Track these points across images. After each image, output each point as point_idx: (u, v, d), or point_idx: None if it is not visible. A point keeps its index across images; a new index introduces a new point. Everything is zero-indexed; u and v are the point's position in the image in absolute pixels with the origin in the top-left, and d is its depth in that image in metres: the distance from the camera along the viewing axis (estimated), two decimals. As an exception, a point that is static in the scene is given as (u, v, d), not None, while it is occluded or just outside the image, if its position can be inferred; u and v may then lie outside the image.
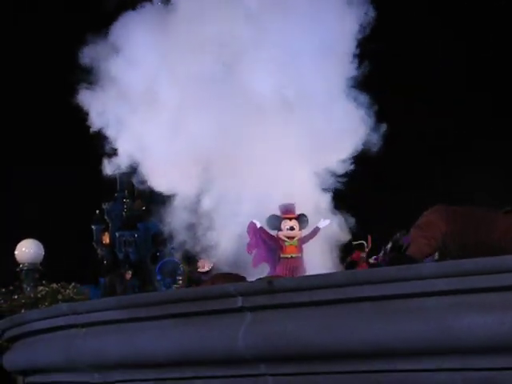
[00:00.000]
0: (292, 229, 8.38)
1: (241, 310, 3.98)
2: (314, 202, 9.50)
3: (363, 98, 10.32)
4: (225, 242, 9.64)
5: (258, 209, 9.41)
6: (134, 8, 10.85)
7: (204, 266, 10.06)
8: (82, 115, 10.52)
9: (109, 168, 10.58)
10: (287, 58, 10.03)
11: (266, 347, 3.87)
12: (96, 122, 10.39)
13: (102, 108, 10.42)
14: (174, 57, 10.29)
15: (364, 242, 10.01)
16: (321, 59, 10.21)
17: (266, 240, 8.43)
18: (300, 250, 8.42)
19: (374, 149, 10.13)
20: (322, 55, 10.23)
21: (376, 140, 10.23)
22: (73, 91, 10.65)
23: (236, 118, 9.80)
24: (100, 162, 10.92)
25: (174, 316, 4.34)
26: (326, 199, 9.87)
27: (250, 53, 10.07)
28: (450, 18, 31.59)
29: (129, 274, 13.89)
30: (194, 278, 8.73)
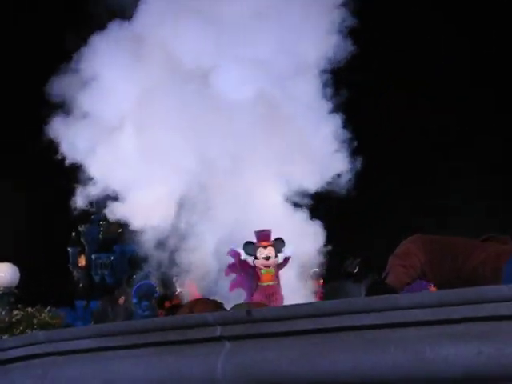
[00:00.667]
0: (267, 258, 8.36)
1: (219, 339, 3.97)
2: (290, 224, 9.52)
3: (339, 118, 10.39)
4: (200, 264, 9.63)
5: (233, 233, 9.43)
6: (101, 29, 10.82)
7: (183, 288, 9.97)
8: (54, 145, 10.52)
9: (82, 195, 10.57)
10: (263, 75, 10.06)
11: (245, 376, 3.85)
12: (68, 150, 10.37)
13: (74, 137, 10.41)
14: (146, 82, 10.29)
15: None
16: (298, 74, 10.26)
17: (246, 268, 8.43)
18: (276, 277, 8.41)
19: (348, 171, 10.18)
20: (298, 70, 10.27)
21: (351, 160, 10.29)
22: (45, 121, 10.65)
23: (210, 143, 9.82)
24: (75, 186, 10.91)
25: (152, 345, 4.32)
26: (301, 220, 9.90)
27: (222, 75, 10.08)
28: (452, 13, 31.79)
29: (122, 299, 13.53)
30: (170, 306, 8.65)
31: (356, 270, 10.41)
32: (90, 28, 10.91)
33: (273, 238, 8.47)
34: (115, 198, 10.49)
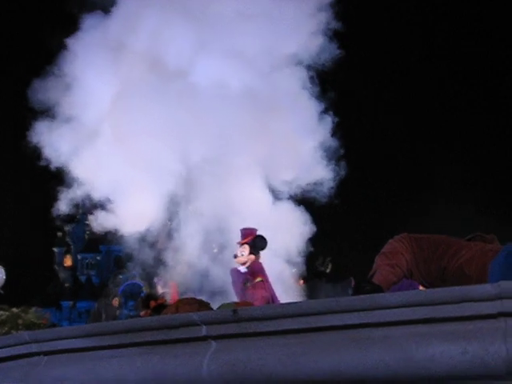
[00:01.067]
0: (235, 256, 8.28)
1: (205, 339, 3.96)
2: (274, 219, 9.49)
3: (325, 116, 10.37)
4: (185, 264, 9.61)
5: (218, 231, 9.41)
6: (81, 30, 10.73)
7: (167, 286, 9.95)
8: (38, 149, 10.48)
9: (67, 197, 10.54)
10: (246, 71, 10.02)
11: (231, 376, 3.84)
12: (52, 153, 10.34)
13: (57, 141, 10.37)
14: (127, 82, 10.24)
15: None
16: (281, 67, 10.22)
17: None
18: (252, 277, 8.22)
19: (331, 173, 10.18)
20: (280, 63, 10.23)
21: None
22: (27, 126, 10.61)
23: (194, 142, 9.78)
24: (60, 188, 10.87)
25: (137, 345, 4.29)
26: (285, 216, 9.88)
27: (204, 71, 10.04)
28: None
29: (116, 301, 13.48)
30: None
31: (328, 270, 10.46)
32: (69, 30, 10.86)
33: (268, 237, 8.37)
34: (100, 205, 10.47)
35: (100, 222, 10.60)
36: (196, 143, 9.65)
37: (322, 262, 10.64)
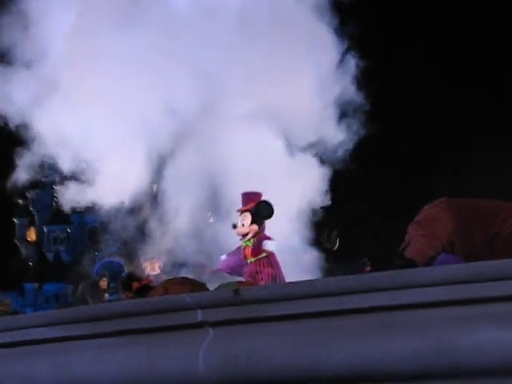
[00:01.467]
0: (234, 227, 8.28)
1: (201, 325, 3.97)
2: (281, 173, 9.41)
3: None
4: (177, 235, 9.56)
5: (215, 196, 9.37)
6: None
7: (155, 267, 10.00)
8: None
9: (30, 157, 10.51)
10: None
11: (232, 370, 3.86)
12: (7, 108, 10.29)
13: (14, 91, 10.31)
14: (94, 14, 10.10)
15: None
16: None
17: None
18: (257, 252, 8.24)
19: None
20: None
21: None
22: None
23: (180, 84, 9.67)
24: (20, 147, 10.86)
25: (118, 333, 4.31)
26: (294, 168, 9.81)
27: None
28: None
29: (104, 282, 13.44)
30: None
31: (335, 247, 10.43)
32: None
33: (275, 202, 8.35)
34: (69, 166, 10.43)
35: (70, 187, 10.58)
36: (183, 85, 9.57)
37: (328, 237, 10.63)
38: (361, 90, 10.24)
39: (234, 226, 8.29)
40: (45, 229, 54.63)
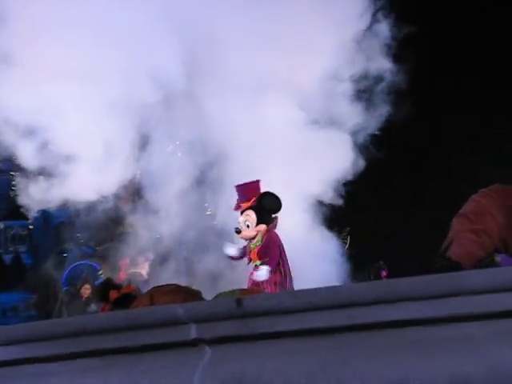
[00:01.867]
0: (238, 232, 8.23)
1: (195, 343, 3.96)
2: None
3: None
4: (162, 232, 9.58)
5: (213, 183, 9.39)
6: None
7: (141, 271, 10.02)
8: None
9: None
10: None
11: (233, 398, 3.86)
12: None
13: None
14: None
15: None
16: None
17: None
18: (263, 253, 8.23)
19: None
20: None
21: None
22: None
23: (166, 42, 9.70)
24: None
25: (91, 354, 4.29)
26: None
27: None
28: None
29: (87, 289, 13.41)
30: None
31: (346, 245, 10.48)
32: None
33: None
34: (31, 148, 10.47)
35: (32, 174, 10.59)
36: (172, 51, 9.61)
37: (338, 233, 10.69)
38: (393, 64, 10.27)
39: (238, 231, 8.26)
40: (1, 225, 54.82)
